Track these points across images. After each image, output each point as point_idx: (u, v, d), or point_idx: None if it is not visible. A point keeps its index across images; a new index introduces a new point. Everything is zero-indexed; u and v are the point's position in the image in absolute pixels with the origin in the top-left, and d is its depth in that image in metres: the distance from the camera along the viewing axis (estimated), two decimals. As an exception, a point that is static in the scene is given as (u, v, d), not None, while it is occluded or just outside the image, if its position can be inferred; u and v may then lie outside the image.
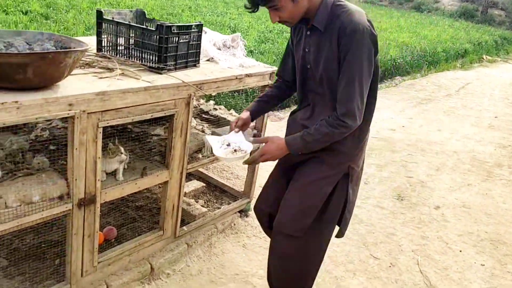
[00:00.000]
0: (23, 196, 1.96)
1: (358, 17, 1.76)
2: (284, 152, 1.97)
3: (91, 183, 2.18)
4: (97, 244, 2.35)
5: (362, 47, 1.74)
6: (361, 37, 1.73)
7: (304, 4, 1.78)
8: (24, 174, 2.20)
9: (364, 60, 1.75)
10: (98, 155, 2.15)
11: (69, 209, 2.13)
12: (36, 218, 2.00)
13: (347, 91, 1.79)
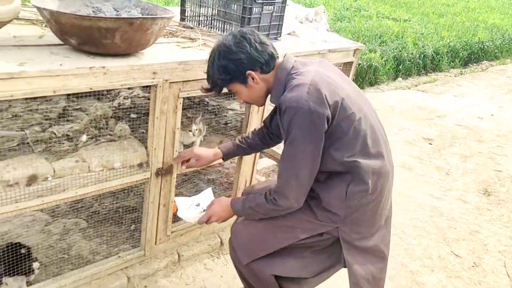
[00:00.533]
0: (106, 162, 1.99)
1: (296, 93, 1.57)
2: (230, 213, 1.87)
3: (169, 153, 2.17)
4: (171, 213, 2.37)
5: (298, 126, 1.56)
6: (296, 116, 1.55)
7: (259, 86, 1.71)
8: (107, 140, 2.25)
9: (301, 139, 1.57)
10: (177, 126, 2.13)
11: (147, 178, 2.15)
12: (116, 184, 2.04)
13: (281, 171, 1.66)
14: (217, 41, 1.69)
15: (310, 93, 1.54)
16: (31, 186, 1.79)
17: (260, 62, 1.65)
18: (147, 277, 2.36)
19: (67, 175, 1.89)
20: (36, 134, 2.24)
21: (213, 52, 1.68)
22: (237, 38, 1.63)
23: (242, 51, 1.62)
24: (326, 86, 1.59)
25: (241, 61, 1.63)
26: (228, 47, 1.63)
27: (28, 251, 2.06)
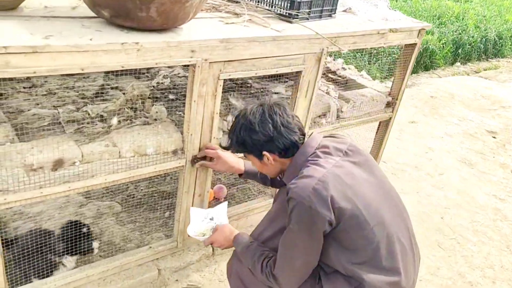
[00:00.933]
0: (138, 147, 1.83)
1: (303, 185, 1.43)
2: (231, 244, 1.78)
3: (207, 140, 1.98)
4: (207, 204, 2.20)
5: (297, 220, 1.44)
6: (296, 209, 1.43)
7: (274, 166, 1.63)
8: (141, 123, 2.09)
9: (298, 232, 1.45)
10: (216, 111, 1.93)
11: (182, 166, 1.97)
12: (149, 172, 1.88)
13: (278, 255, 1.54)
14: (245, 109, 1.61)
15: (316, 190, 1.40)
16: (57, 171, 1.66)
17: (279, 148, 1.56)
18: (179, 270, 2.22)
19: (96, 160, 1.74)
20: (69, 113, 2.12)
21: (237, 120, 1.62)
22: (264, 117, 1.55)
23: (264, 133, 1.54)
24: (338, 187, 1.43)
25: (260, 142, 1.56)
26: (251, 123, 1.55)
27: (89, 230, 2.01)
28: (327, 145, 1.56)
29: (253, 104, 1.61)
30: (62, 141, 1.72)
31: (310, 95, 2.27)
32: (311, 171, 1.45)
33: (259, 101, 1.61)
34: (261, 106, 1.57)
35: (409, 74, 2.70)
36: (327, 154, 1.52)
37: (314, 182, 1.40)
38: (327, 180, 1.41)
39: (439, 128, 4.33)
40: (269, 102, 1.58)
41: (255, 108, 1.57)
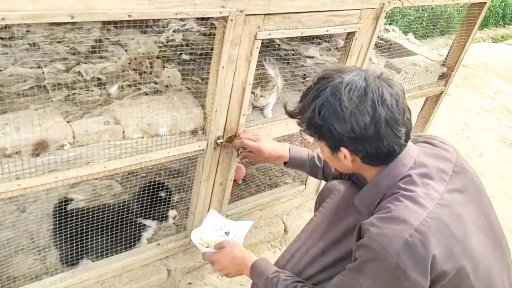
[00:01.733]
0: (147, 126, 1.39)
1: (391, 232, 0.99)
2: (241, 272, 1.36)
3: (235, 117, 1.55)
4: (228, 194, 1.79)
5: (372, 276, 1.04)
6: (374, 264, 1.02)
7: (349, 166, 1.13)
8: (150, 90, 1.64)
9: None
10: (249, 81, 1.48)
11: (202, 149, 1.55)
12: (160, 157, 1.45)
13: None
14: (339, 76, 1.07)
15: (410, 246, 0.97)
16: (39, 157, 1.23)
17: (367, 152, 1.07)
18: (192, 271, 1.84)
19: (93, 143, 1.31)
20: (57, 74, 1.66)
21: (321, 89, 1.07)
22: (364, 102, 1.03)
23: (355, 128, 1.03)
24: (443, 242, 1.00)
25: (345, 136, 1.05)
26: (342, 107, 1.03)
27: (168, 194, 1.72)
28: (425, 163, 1.10)
29: (353, 71, 1.07)
30: (46, 115, 1.28)
31: (360, 64, 1.81)
32: (404, 212, 1.00)
33: (362, 71, 1.09)
34: (365, 82, 1.04)
35: (471, 40, 2.23)
36: (426, 179, 1.07)
37: (408, 233, 0.97)
38: (427, 231, 0.98)
39: (473, 102, 3.89)
40: (376, 79, 1.05)
41: (355, 81, 1.04)
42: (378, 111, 1.01)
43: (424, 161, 1.10)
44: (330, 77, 1.08)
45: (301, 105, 1.12)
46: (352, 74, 1.06)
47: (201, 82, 1.85)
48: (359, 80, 1.04)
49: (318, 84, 1.09)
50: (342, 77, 1.06)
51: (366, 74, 1.06)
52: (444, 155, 1.13)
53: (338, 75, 1.07)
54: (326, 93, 1.05)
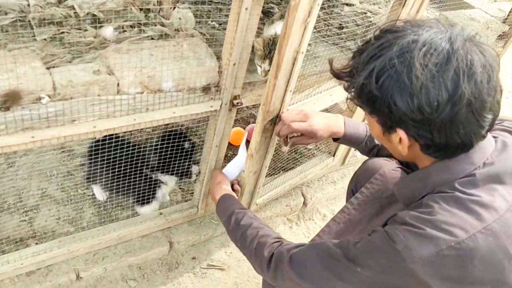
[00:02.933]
0: (148, 79, 1.12)
1: (425, 235, 0.76)
2: (213, 198, 1.35)
3: (279, 93, 1.22)
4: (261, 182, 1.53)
5: (372, 267, 0.83)
6: (383, 259, 0.81)
7: (403, 151, 0.85)
8: (156, 34, 1.35)
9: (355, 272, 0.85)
10: (302, 49, 1.17)
11: (215, 110, 1.28)
12: (164, 117, 1.19)
13: (307, 251, 0.96)
14: (413, 32, 0.78)
15: (443, 258, 0.75)
16: (10, 111, 0.97)
17: (432, 141, 0.80)
18: (197, 244, 1.63)
19: (78, 97, 1.05)
20: (45, 7, 1.37)
21: (382, 52, 0.79)
22: (444, 73, 0.74)
23: (423, 107, 0.75)
24: (490, 268, 0.77)
25: (406, 116, 0.78)
26: (411, 78, 0.75)
27: (192, 146, 1.48)
28: (499, 162, 0.82)
29: (433, 27, 0.78)
30: (21, 58, 1.01)
31: (413, 14, 1.48)
32: (450, 220, 0.76)
33: (447, 28, 0.78)
34: (450, 44, 0.75)
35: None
36: (495, 184, 0.80)
37: (447, 245, 0.75)
38: (474, 249, 0.75)
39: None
40: (467, 43, 0.76)
41: (436, 42, 0.75)
42: (462, 87, 0.73)
43: (497, 159, 0.82)
44: (400, 31, 0.78)
45: (353, 63, 0.84)
46: (433, 31, 0.77)
47: (218, 27, 1.55)
48: (441, 41, 0.75)
49: (381, 38, 0.80)
50: (417, 34, 0.77)
51: (453, 33, 0.76)
52: None
53: (412, 30, 0.78)
54: (391, 53, 0.76)
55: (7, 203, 1.55)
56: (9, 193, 1.58)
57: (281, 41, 1.08)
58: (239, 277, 1.60)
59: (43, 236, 1.47)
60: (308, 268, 0.93)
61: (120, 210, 1.59)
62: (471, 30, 0.79)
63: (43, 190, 1.62)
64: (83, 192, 1.64)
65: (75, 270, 1.41)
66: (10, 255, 1.30)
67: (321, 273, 0.90)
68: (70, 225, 1.53)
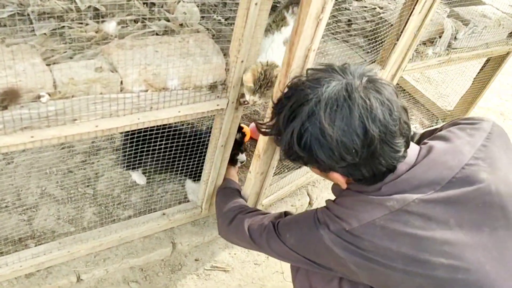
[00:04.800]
0: (153, 77, 1.07)
1: (329, 222, 0.96)
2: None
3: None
4: (268, 183, 1.49)
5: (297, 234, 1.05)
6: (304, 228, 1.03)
7: (339, 182, 0.99)
8: (160, 29, 1.31)
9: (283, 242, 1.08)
10: (314, 46, 1.12)
11: (222, 109, 1.23)
12: (168, 116, 1.14)
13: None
14: (316, 97, 0.88)
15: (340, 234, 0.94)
16: (7, 110, 0.93)
17: (362, 175, 0.92)
18: (201, 245, 1.59)
19: (80, 95, 1.00)
20: (44, 0, 1.32)
21: (295, 114, 0.91)
22: (350, 125, 0.85)
23: (344, 157, 0.87)
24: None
25: (331, 166, 0.91)
26: (323, 136, 0.87)
27: (242, 136, 1.58)
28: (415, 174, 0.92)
29: (329, 80, 0.88)
30: (20, 54, 0.97)
31: (426, 9, 1.43)
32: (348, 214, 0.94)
33: (342, 75, 0.88)
34: (347, 94, 0.85)
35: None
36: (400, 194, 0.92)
37: (345, 227, 0.93)
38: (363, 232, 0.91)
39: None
40: (360, 87, 0.86)
41: (335, 97, 0.85)
42: (370, 131, 0.84)
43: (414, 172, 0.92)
44: (303, 93, 0.89)
45: (274, 122, 0.98)
46: (331, 85, 0.87)
47: (224, 22, 1.50)
48: (339, 94, 0.86)
49: (290, 98, 0.91)
50: (317, 94, 0.87)
51: (347, 81, 0.87)
52: (448, 163, 0.91)
53: (312, 90, 0.88)
54: (302, 117, 0.88)
55: (6, 202, 1.51)
56: (7, 191, 1.54)
57: (293, 38, 1.03)
58: (243, 279, 1.56)
59: (43, 236, 1.43)
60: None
61: (122, 210, 1.55)
62: (360, 69, 0.90)
63: (42, 188, 1.58)
64: (84, 191, 1.60)
65: (75, 272, 1.37)
66: (9, 257, 1.26)
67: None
68: (70, 225, 1.49)
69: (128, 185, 1.63)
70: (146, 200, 1.58)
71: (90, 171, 1.65)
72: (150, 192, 1.62)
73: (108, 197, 1.58)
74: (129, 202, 1.57)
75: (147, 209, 1.55)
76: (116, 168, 1.68)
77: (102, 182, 1.62)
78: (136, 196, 1.60)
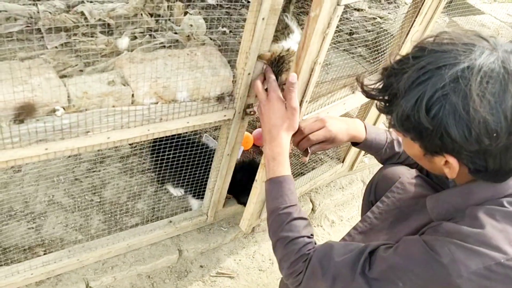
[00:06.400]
0: (163, 90, 1.10)
1: (475, 250, 0.73)
2: (268, 147, 1.10)
3: None
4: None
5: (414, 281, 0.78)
6: (427, 273, 0.76)
7: (445, 171, 0.81)
8: (167, 41, 1.34)
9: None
10: (320, 60, 1.15)
11: (228, 119, 1.26)
12: (177, 127, 1.18)
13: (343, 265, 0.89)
14: (468, 61, 0.73)
15: (491, 272, 0.73)
16: (24, 123, 0.96)
17: (486, 168, 0.77)
18: (206, 252, 1.62)
19: (93, 108, 1.03)
20: (54, 14, 1.36)
21: (429, 78, 0.74)
22: (503, 105, 0.71)
23: (480, 138, 0.72)
24: None
25: (457, 146, 0.74)
26: (465, 110, 0.71)
27: None
28: None
29: (480, 47, 0.74)
30: (35, 69, 0.99)
31: (427, 21, 1.47)
32: (499, 236, 0.74)
33: (493, 46, 0.74)
34: (503, 67, 0.72)
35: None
36: None
37: (495, 261, 0.72)
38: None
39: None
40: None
41: (490, 67, 0.72)
42: None
43: None
44: (447, 53, 0.73)
45: (388, 82, 0.79)
46: (484, 53, 0.72)
47: (228, 33, 1.54)
48: (494, 65, 0.71)
49: (422, 58, 0.75)
50: (470, 58, 0.72)
51: (503, 53, 0.72)
52: None
53: (463, 54, 0.73)
54: (442, 80, 0.71)
55: (14, 210, 1.53)
56: (16, 199, 1.56)
57: (299, 52, 1.06)
58: (248, 285, 1.59)
59: (51, 244, 1.46)
60: None
61: (128, 218, 1.57)
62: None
63: (50, 197, 1.61)
64: (91, 199, 1.63)
65: (84, 279, 1.39)
66: (20, 265, 1.28)
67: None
68: (78, 233, 1.52)
69: (135, 193, 1.66)
70: (152, 208, 1.61)
71: (96, 179, 1.68)
72: (155, 199, 1.65)
73: (114, 204, 1.60)
74: (136, 210, 1.60)
75: (154, 217, 1.58)
76: (122, 176, 1.70)
77: (109, 189, 1.64)
78: (142, 204, 1.62)
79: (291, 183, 1.06)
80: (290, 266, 0.98)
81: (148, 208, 1.61)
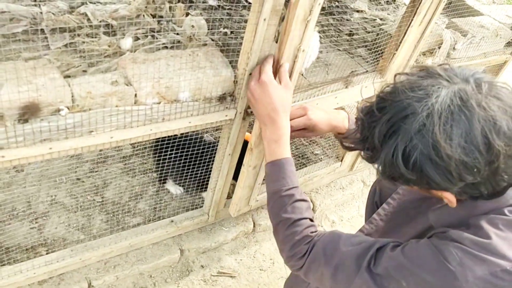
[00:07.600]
0: (165, 89, 1.11)
1: (481, 257, 0.74)
2: (265, 134, 1.09)
3: None
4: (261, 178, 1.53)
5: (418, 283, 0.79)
6: (433, 276, 0.77)
7: (444, 200, 0.81)
8: (169, 41, 1.35)
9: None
10: (303, 47, 1.17)
11: (230, 119, 1.28)
12: (179, 127, 1.19)
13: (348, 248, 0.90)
14: (426, 107, 0.72)
15: (496, 278, 0.74)
16: (28, 123, 0.97)
17: (481, 193, 0.77)
18: (208, 251, 1.63)
19: (96, 108, 1.04)
20: (57, 15, 1.37)
21: (396, 129, 0.74)
22: (473, 144, 0.71)
23: (463, 177, 0.72)
24: None
25: (446, 186, 0.75)
26: (438, 157, 0.71)
27: None
28: None
29: (436, 85, 0.73)
30: (39, 69, 1.01)
31: (426, 22, 1.48)
32: (504, 245, 0.75)
33: (449, 80, 0.74)
34: (464, 104, 0.71)
35: None
36: None
37: (501, 268, 0.74)
38: None
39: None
40: (476, 93, 0.71)
41: (449, 108, 0.71)
42: (495, 146, 0.69)
43: None
44: (405, 104, 0.73)
45: (364, 136, 0.80)
46: (441, 94, 0.71)
47: (229, 34, 1.55)
48: (453, 104, 0.70)
49: (386, 111, 0.75)
50: (427, 105, 0.71)
51: (459, 88, 0.72)
52: None
53: (419, 101, 0.72)
54: (407, 133, 0.72)
55: (17, 210, 1.54)
56: (18, 199, 1.57)
57: (282, 37, 1.09)
58: (249, 284, 1.60)
59: (54, 243, 1.47)
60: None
61: (130, 218, 1.58)
62: (470, 71, 0.75)
63: (52, 197, 1.62)
64: (92, 199, 1.64)
65: (87, 278, 1.40)
66: (23, 264, 1.29)
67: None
68: (80, 232, 1.53)
69: (137, 193, 1.67)
70: (154, 208, 1.62)
71: (98, 179, 1.69)
72: (157, 199, 1.66)
73: (116, 204, 1.61)
74: (137, 209, 1.61)
75: (156, 216, 1.59)
76: (124, 176, 1.72)
77: (110, 189, 1.66)
78: (144, 204, 1.63)
79: (292, 165, 1.06)
80: (291, 248, 0.98)
81: (150, 208, 1.62)
